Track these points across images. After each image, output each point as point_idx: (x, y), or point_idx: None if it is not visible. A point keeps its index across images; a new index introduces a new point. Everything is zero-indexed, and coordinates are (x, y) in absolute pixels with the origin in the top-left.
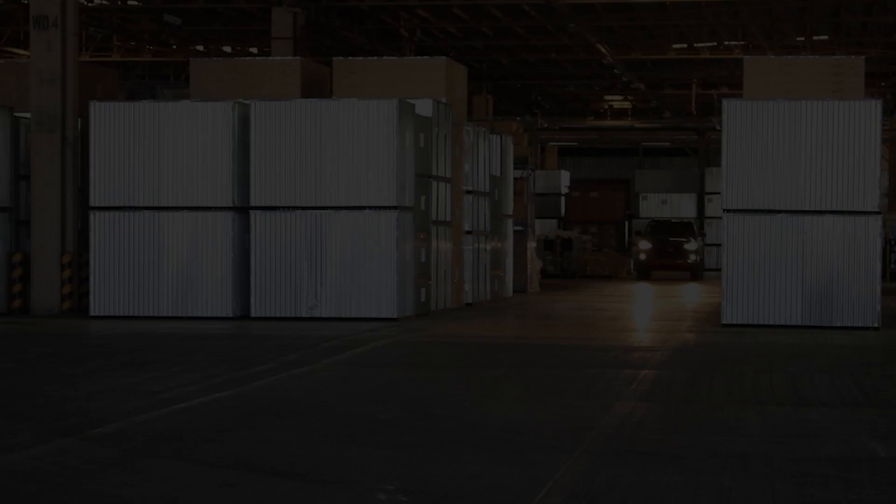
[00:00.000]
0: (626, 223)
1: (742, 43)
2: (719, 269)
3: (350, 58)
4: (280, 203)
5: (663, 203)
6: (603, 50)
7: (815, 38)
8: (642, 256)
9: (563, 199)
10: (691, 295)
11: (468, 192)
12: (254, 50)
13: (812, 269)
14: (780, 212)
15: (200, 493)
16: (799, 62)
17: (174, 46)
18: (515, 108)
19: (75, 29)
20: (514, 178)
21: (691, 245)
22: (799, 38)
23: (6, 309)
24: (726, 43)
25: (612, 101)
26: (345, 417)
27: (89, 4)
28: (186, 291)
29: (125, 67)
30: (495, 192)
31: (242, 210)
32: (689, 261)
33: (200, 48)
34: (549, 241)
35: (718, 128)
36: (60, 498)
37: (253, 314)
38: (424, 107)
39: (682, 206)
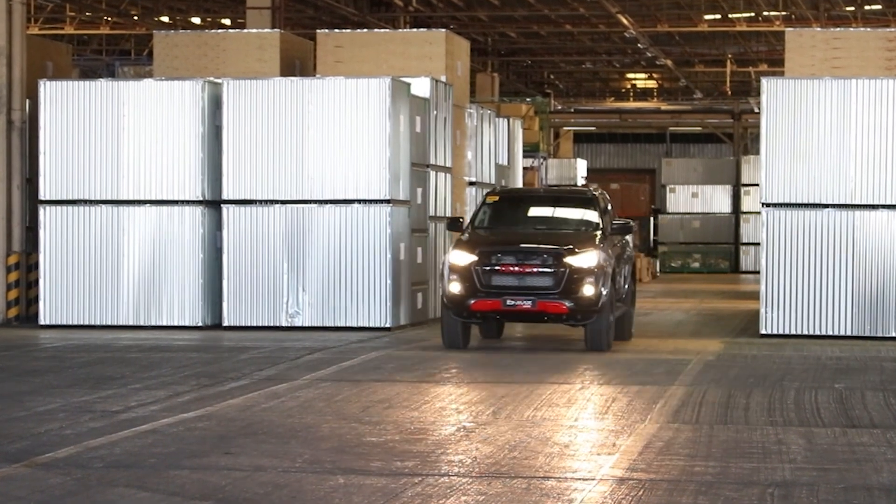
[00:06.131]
0: (652, 219)
1: (783, 13)
2: (757, 272)
3: (336, 30)
4: (256, 196)
5: (693, 196)
6: (625, 21)
7: (866, 7)
8: (454, 288)
9: None
10: (704, 305)
11: (471, 183)
12: (226, 21)
13: (863, 272)
14: (826, 206)
15: None
16: (848, 35)
17: (135, 17)
18: (525, 87)
19: None
20: (524, 168)
21: (587, 257)
22: (848, 8)
23: None
24: (766, 14)
25: (635, 79)
26: (329, 441)
27: None
28: (150, 297)
29: (79, 41)
30: (502, 183)
31: (213, 204)
32: (580, 299)
33: (165, 19)
34: None
35: (757, 110)
36: None
37: (225, 323)
38: (421, 86)
39: (714, 200)
